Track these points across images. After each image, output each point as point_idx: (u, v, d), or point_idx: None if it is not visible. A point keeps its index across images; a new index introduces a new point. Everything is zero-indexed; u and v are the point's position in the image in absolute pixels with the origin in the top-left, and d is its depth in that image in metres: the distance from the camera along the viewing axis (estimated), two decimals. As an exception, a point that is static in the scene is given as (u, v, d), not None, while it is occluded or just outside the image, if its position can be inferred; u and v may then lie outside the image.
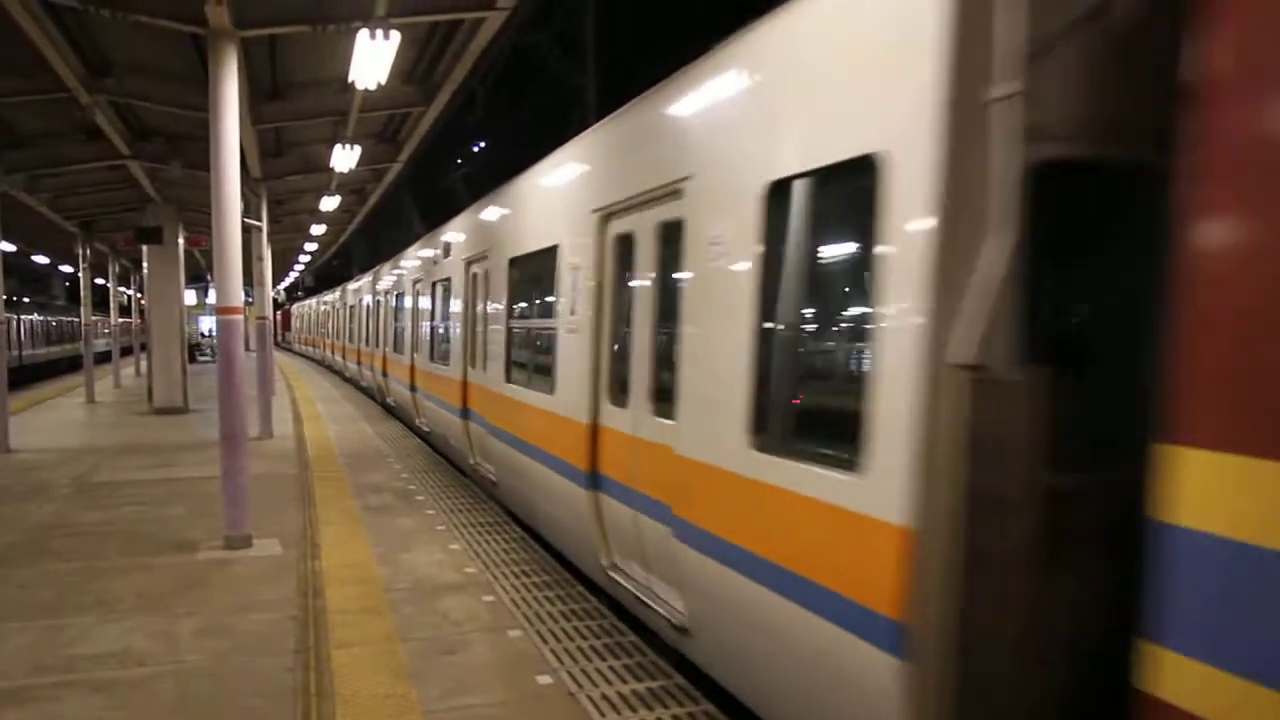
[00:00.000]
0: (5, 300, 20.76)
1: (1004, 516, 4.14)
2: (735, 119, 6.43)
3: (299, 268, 66.48)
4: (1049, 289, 4.57)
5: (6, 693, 7.26)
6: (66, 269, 51.98)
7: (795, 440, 5.61)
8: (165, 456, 18.58)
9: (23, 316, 53.72)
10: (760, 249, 6.01)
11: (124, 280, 48.47)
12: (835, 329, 5.70)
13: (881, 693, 4.62)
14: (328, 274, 78.48)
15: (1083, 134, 4.33)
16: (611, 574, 8.70)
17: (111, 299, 41.55)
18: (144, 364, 34.30)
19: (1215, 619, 3.17)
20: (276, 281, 65.01)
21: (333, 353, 43.81)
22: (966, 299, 4.36)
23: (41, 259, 46.96)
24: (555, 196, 10.84)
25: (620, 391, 8.60)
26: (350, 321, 36.56)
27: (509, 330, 12.89)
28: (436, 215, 38.28)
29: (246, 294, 17.85)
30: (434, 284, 19.11)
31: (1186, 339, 3.26)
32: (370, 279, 31.54)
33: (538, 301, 11.69)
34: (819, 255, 5.72)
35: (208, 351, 57.35)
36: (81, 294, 34.91)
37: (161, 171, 22.37)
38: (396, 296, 24.54)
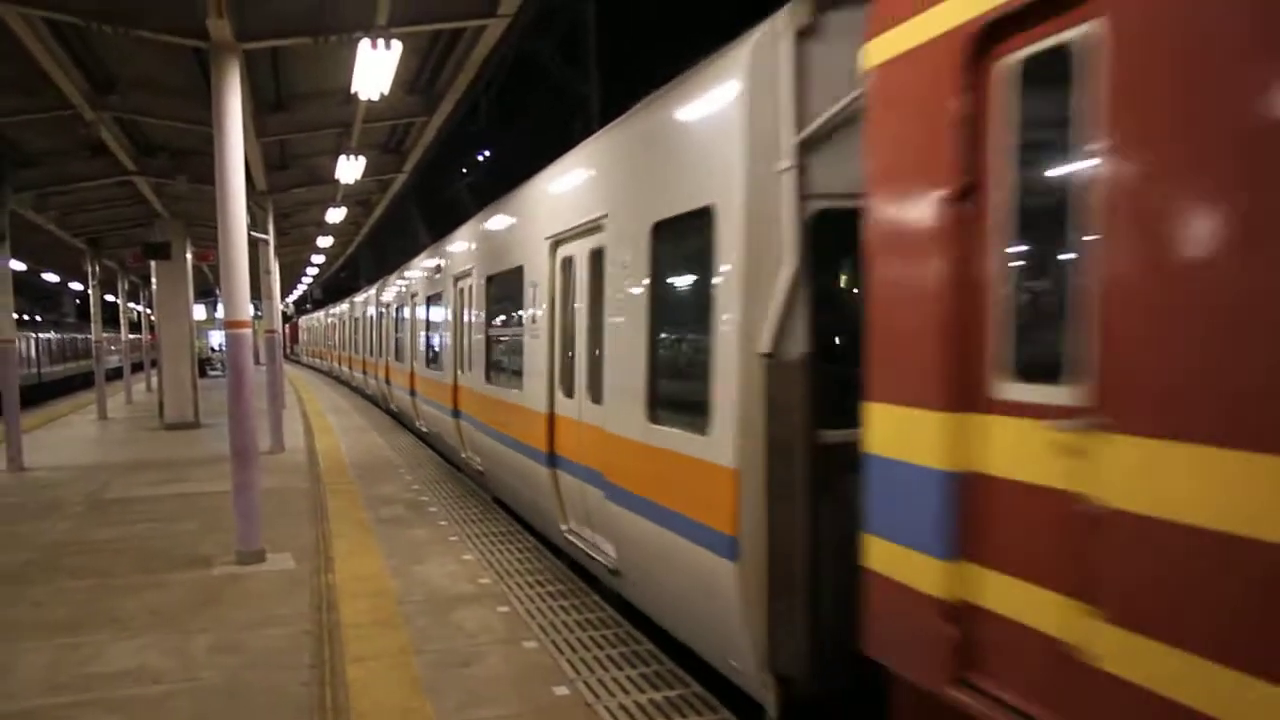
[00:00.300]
0: (20, 319, 20.81)
1: (791, 459, 6.19)
2: (634, 174, 8.55)
3: (307, 280, 66.50)
4: (820, 299, 6.32)
5: (24, 713, 7.20)
6: (76, 286, 51.96)
7: (672, 414, 7.58)
8: (177, 472, 18.55)
9: (40, 335, 53.81)
10: (649, 272, 8.00)
11: (133, 296, 48.45)
12: (693, 332, 7.33)
13: (727, 588, 6.51)
14: (336, 286, 78.56)
15: (842, 194, 6.13)
16: (568, 536, 10.36)
17: (121, 315, 41.40)
18: (155, 379, 34.25)
19: (883, 509, 5.14)
20: (285, 294, 65.02)
21: (339, 363, 46.03)
22: (766, 307, 6.31)
23: (51, 276, 46.96)
24: (520, 224, 12.79)
25: (569, 385, 10.44)
26: (355, 333, 38.31)
27: (487, 338, 14.67)
28: (442, 225, 38.37)
29: (255, 307, 17.83)
30: (428, 298, 20.71)
31: (868, 333, 5.27)
32: (373, 293, 33.08)
33: (509, 313, 13.42)
34: (684, 277, 7.90)
35: (218, 366, 57.40)
36: (91, 311, 34.93)
37: (167, 186, 22.37)
38: (396, 309, 26.24)
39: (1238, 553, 3.22)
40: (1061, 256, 4.30)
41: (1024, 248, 4.49)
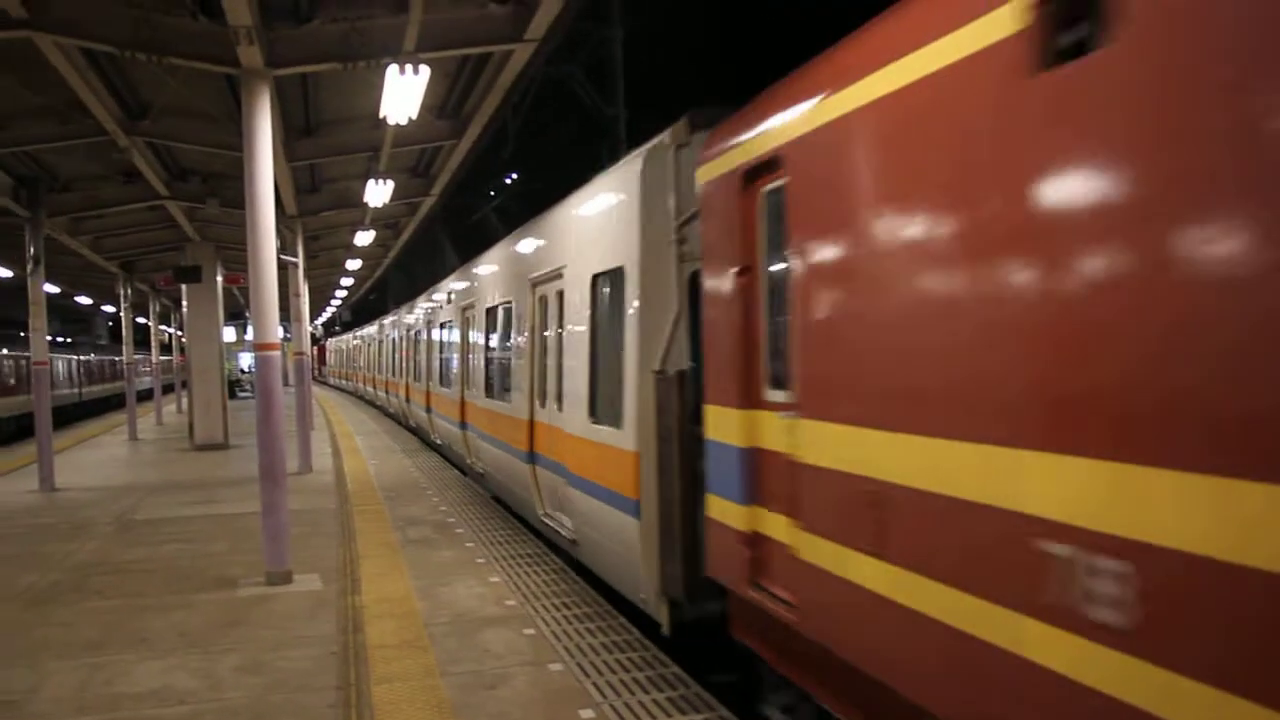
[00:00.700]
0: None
1: (670, 444, 8.37)
2: (580, 236, 11.26)
3: (335, 302, 66.73)
4: (692, 331, 8.42)
5: (49, 734, 7.20)
6: (109, 309, 52.29)
7: (602, 415, 10.11)
8: (206, 493, 18.61)
9: (83, 357, 54.81)
10: (590, 309, 10.62)
11: (164, 319, 48.75)
12: (614, 354, 9.65)
13: (633, 538, 8.87)
14: (365, 308, 78.84)
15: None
16: (544, 519, 12.72)
17: (152, 337, 41.68)
18: (185, 401, 34.44)
19: (713, 475, 7.45)
20: (313, 317, 65.25)
21: (363, 384, 50.25)
22: (658, 337, 8.64)
23: (84, 299, 47.26)
24: (511, 266, 15.46)
25: (543, 397, 12.95)
26: (378, 356, 41.78)
27: (486, 360, 17.42)
28: (469, 248, 38.49)
29: (284, 330, 17.92)
30: (440, 324, 23.80)
31: (703, 357, 7.70)
32: (392, 320, 37.11)
33: (502, 339, 16.17)
34: (609, 315, 10.09)
35: (247, 387, 57.63)
36: (123, 333, 35.16)
37: (199, 211, 22.53)
38: (412, 334, 29.53)
39: (854, 485, 5.44)
40: (781, 314, 6.57)
41: (773, 307, 6.80)
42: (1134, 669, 3.55)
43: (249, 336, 54.14)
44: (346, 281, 48.37)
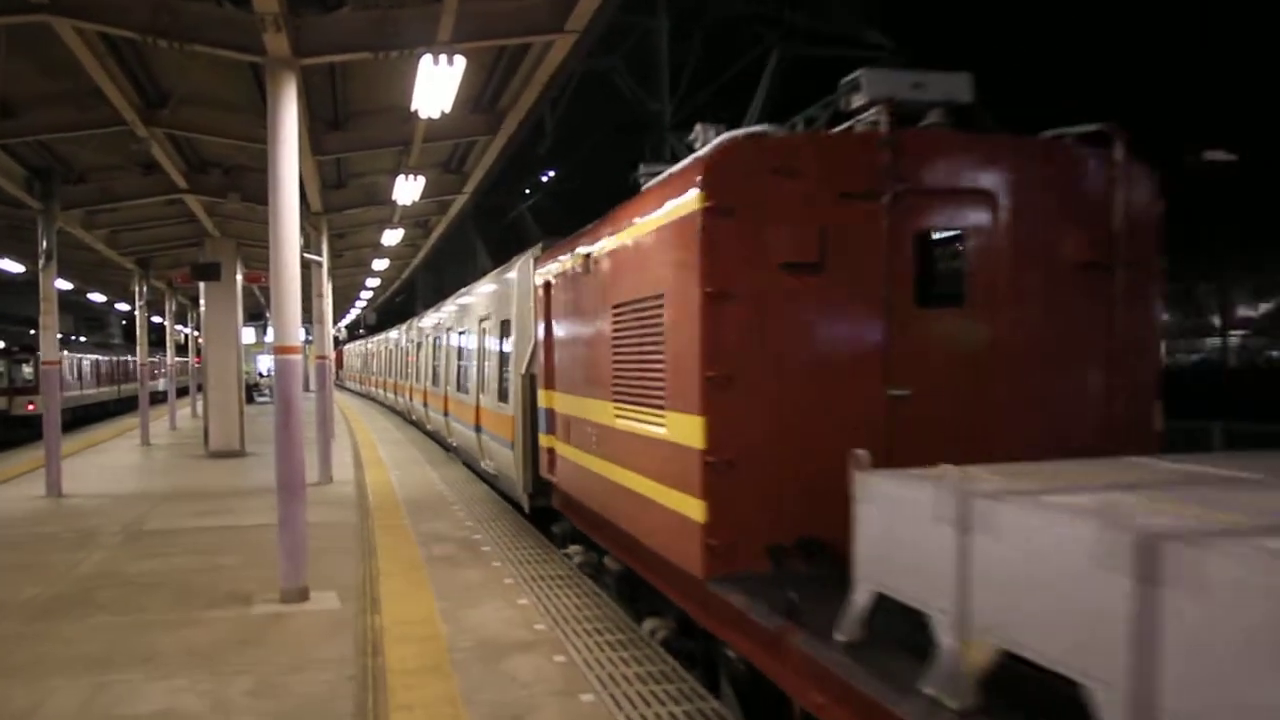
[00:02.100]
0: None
1: (526, 411, 15.62)
2: (494, 296, 19.82)
3: (360, 304, 66.98)
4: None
5: (50, 757, 7.20)
6: (123, 307, 52.66)
7: (501, 398, 17.76)
8: (220, 503, 18.69)
9: (111, 356, 55.80)
10: (499, 340, 18.64)
11: (181, 318, 49.08)
12: (507, 364, 17.24)
13: (512, 464, 16.68)
14: (392, 311, 79.09)
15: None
16: (485, 467, 20.29)
17: (168, 337, 42.02)
18: (200, 405, 34.62)
19: (543, 423, 14.45)
20: (337, 319, 65.58)
21: (377, 387, 56.40)
22: (525, 356, 15.55)
23: (97, 296, 47.59)
24: (468, 309, 23.42)
25: (481, 389, 20.56)
26: (390, 361, 47.30)
27: (458, 367, 24.83)
28: (503, 248, 38.56)
29: (305, 332, 17.97)
30: (432, 343, 30.56)
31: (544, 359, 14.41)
32: (404, 329, 42.41)
33: (466, 351, 23.55)
34: (506, 343, 17.99)
35: (266, 392, 57.92)
36: (137, 333, 35.37)
37: (219, 205, 22.64)
38: (415, 346, 36.12)
39: (570, 419, 12.51)
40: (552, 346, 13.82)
41: (562, 346, 13.05)
42: (651, 483, 9.12)
43: (269, 338, 54.54)
44: (372, 282, 48.52)
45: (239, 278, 27.71)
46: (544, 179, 50.99)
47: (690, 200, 8.18)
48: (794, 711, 6.72)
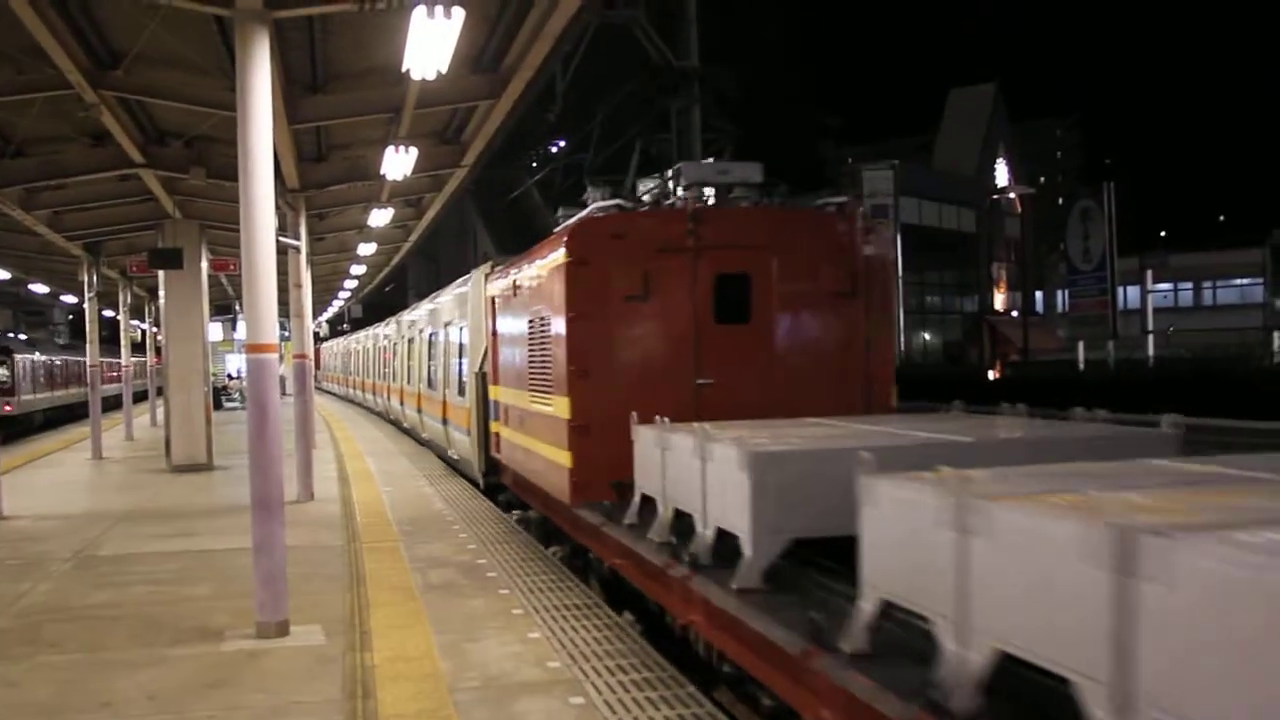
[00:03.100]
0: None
1: (479, 403, 21.88)
2: (453, 306, 26.99)
3: (344, 295, 67.03)
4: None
5: (-6, 816, 7.23)
6: (70, 299, 52.81)
7: (460, 393, 24.69)
8: (185, 524, 18.78)
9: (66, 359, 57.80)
10: (459, 344, 25.83)
11: (137, 312, 49.16)
12: (465, 363, 24.22)
13: (470, 447, 23.25)
14: (379, 304, 79.24)
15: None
16: (450, 454, 26.93)
17: (122, 334, 42.06)
18: (160, 412, 34.74)
19: (494, 412, 20.39)
20: (318, 312, 65.70)
21: (357, 389, 61.90)
22: (479, 356, 22.04)
23: (40, 287, 47.67)
24: (434, 314, 30.44)
25: (446, 384, 27.11)
26: (369, 361, 53.72)
27: (428, 367, 31.13)
28: (508, 230, 38.67)
29: (282, 327, 17.99)
30: (407, 342, 37.16)
31: (493, 365, 20.27)
32: (382, 329, 48.51)
33: (436, 352, 29.74)
34: (464, 345, 25.21)
35: (236, 396, 58.09)
36: (87, 329, 35.43)
37: (180, 182, 22.68)
38: (382, 348, 44.89)
39: (508, 407, 18.57)
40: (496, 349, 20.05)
41: (502, 349, 19.10)
42: (547, 446, 15.07)
43: (239, 335, 54.62)
44: (358, 270, 48.53)
45: (204, 265, 27.74)
46: (554, 149, 51.04)
47: (561, 255, 14.00)
48: (664, 617, 11.26)
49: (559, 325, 14.15)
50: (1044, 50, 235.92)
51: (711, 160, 15.16)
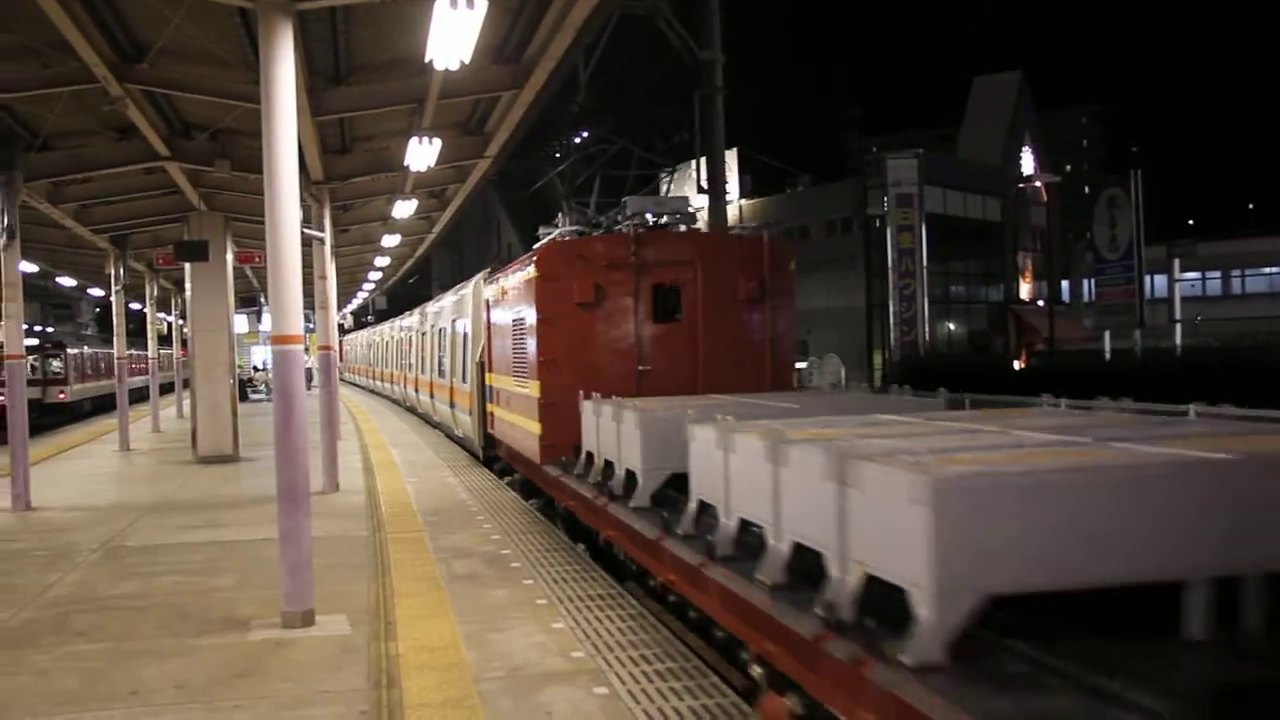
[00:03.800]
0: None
1: (478, 387, 25.68)
2: (458, 306, 30.76)
3: (369, 286, 67.08)
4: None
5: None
6: (96, 292, 53.00)
7: (464, 380, 28.20)
8: (212, 515, 18.90)
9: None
10: (464, 338, 28.81)
11: (163, 305, 49.32)
12: (467, 354, 27.51)
13: (472, 425, 27.00)
14: (402, 295, 79.30)
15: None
16: (456, 434, 31.36)
17: (149, 326, 42.26)
18: (187, 404, 34.81)
19: (490, 396, 24.00)
20: (342, 304, 65.78)
21: (380, 380, 65.16)
22: (479, 348, 25.34)
23: (67, 280, 47.84)
24: (444, 312, 34.15)
25: (455, 373, 30.40)
26: (384, 353, 60.01)
27: (437, 358, 34.70)
28: (531, 221, 39.04)
29: (307, 319, 18.05)
30: (421, 335, 40.66)
31: (490, 356, 23.86)
32: (399, 323, 52.44)
33: (442, 348, 33.61)
34: (466, 341, 28.33)
35: (261, 388, 58.20)
36: (115, 322, 35.52)
37: (206, 175, 22.70)
38: (410, 340, 45.54)
39: (501, 390, 22.41)
40: (490, 342, 23.95)
41: (494, 343, 22.89)
42: (524, 419, 19.14)
43: (264, 327, 54.67)
44: (381, 262, 48.58)
45: (229, 257, 27.79)
46: (577, 140, 50.90)
47: (532, 270, 17.97)
48: (598, 539, 14.85)
49: (532, 324, 18.05)
50: (1063, 40, 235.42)
51: (665, 189, 25.54)
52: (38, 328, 59.76)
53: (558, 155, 50.23)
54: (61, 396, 54.44)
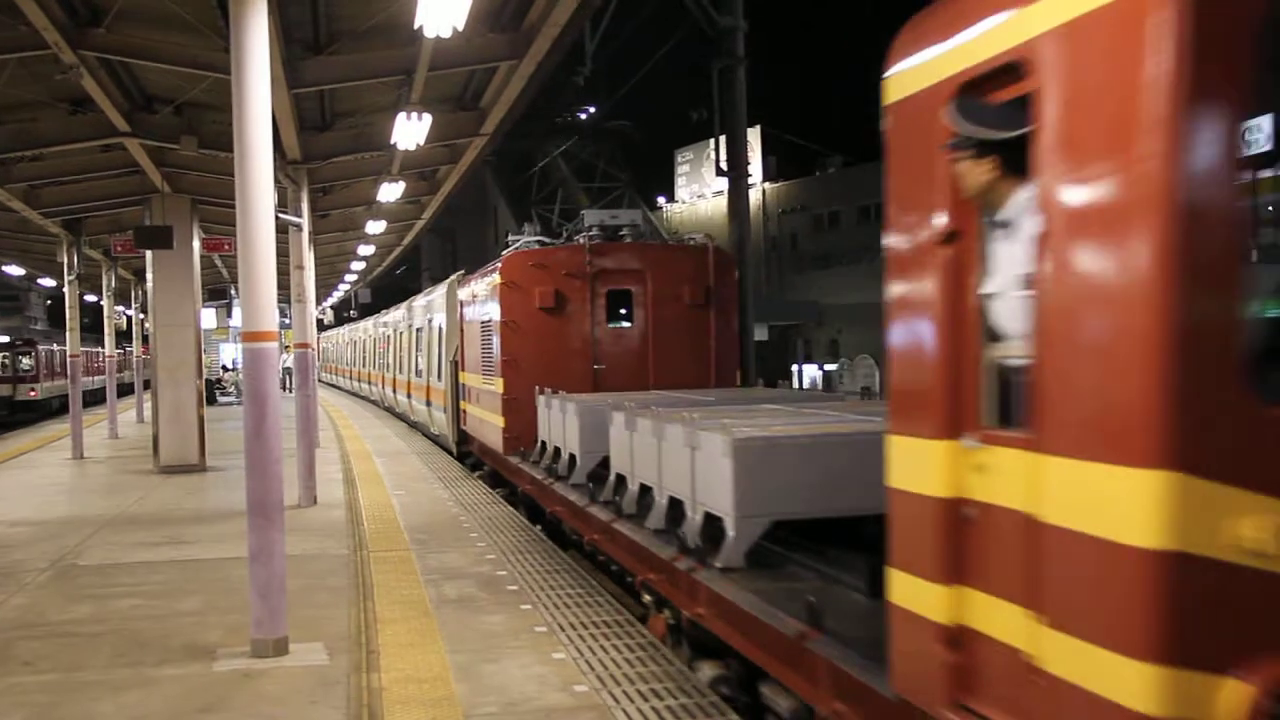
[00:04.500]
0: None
1: (451, 386, 30.24)
2: (431, 307, 35.64)
3: (351, 278, 67.09)
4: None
5: None
6: (47, 283, 52.99)
7: (438, 378, 32.70)
8: (175, 531, 18.89)
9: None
10: (438, 337, 33.04)
11: (122, 297, 49.33)
12: (443, 353, 31.67)
13: (444, 421, 32.07)
14: (387, 290, 79.35)
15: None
16: (432, 431, 35.61)
17: (106, 321, 42.25)
18: (148, 407, 34.85)
19: (463, 393, 28.39)
20: (321, 298, 65.87)
21: (351, 379, 72.75)
22: (453, 348, 29.88)
23: (14, 269, 47.74)
24: (418, 312, 39.23)
25: (429, 372, 35.24)
26: (361, 353, 64.66)
27: (413, 357, 39.78)
28: (530, 204, 39.11)
29: (282, 314, 18.04)
30: (396, 335, 45.45)
31: (471, 358, 27.27)
32: (374, 322, 58.06)
33: (421, 345, 38.01)
34: (440, 340, 32.64)
35: (231, 390, 58.33)
36: (67, 316, 35.49)
37: (170, 153, 22.74)
38: (386, 338, 50.49)
39: (471, 389, 27.00)
40: (462, 343, 29.20)
41: (466, 343, 27.73)
42: (490, 414, 23.76)
43: (234, 322, 54.79)
44: (365, 250, 48.54)
45: (196, 245, 27.81)
46: (582, 116, 51.02)
47: (496, 278, 21.66)
48: (547, 516, 18.67)
49: (497, 326, 21.98)
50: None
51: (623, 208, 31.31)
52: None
53: (560, 133, 50.34)
54: (32, 394, 62.73)
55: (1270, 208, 5.94)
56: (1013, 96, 6.09)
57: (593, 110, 50.21)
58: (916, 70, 6.90)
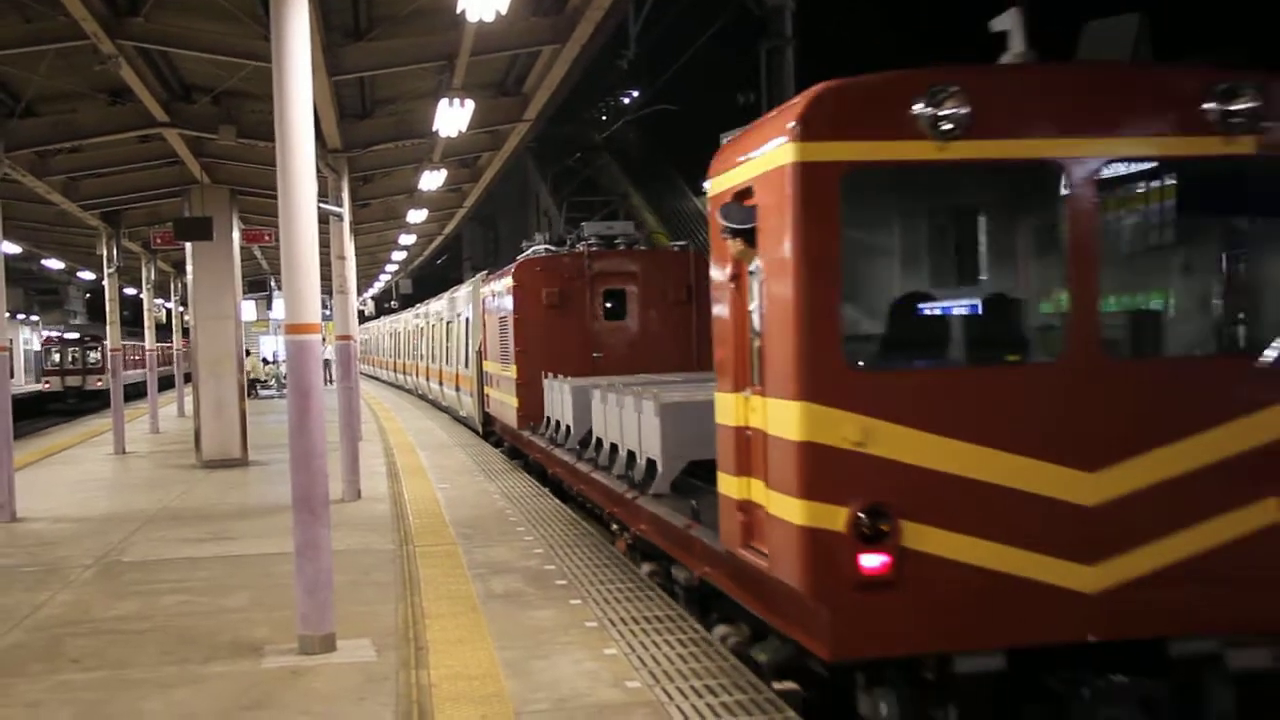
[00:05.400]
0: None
1: (478, 373, 34.96)
2: (459, 303, 41.53)
3: (392, 268, 66.99)
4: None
5: None
6: (87, 276, 53.19)
7: (466, 366, 38.20)
8: (219, 526, 18.99)
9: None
10: (467, 328, 38.30)
11: (162, 290, 49.48)
12: (469, 343, 36.90)
13: (472, 405, 37.19)
14: (428, 279, 79.39)
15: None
16: (460, 414, 42.21)
17: (146, 314, 42.41)
18: (189, 401, 34.97)
19: (485, 379, 33.88)
20: (363, 288, 65.91)
21: (391, 370, 75.98)
22: (480, 339, 34.50)
23: (54, 263, 47.89)
24: (448, 306, 44.77)
25: (461, 361, 39.80)
26: (400, 344, 68.62)
27: (445, 348, 44.98)
28: (576, 196, 39.27)
29: (323, 305, 18.03)
30: (431, 327, 50.08)
31: (488, 345, 33.44)
32: (412, 314, 62.43)
33: (452, 337, 43.04)
34: (468, 332, 37.80)
35: (272, 383, 58.45)
36: (107, 309, 35.59)
37: (209, 143, 22.72)
38: (421, 330, 55.35)
39: (492, 376, 32.05)
40: (484, 336, 34.17)
41: (485, 334, 33.21)
42: (507, 396, 28.84)
43: (275, 315, 54.97)
44: (406, 239, 48.47)
45: (236, 236, 27.91)
46: (625, 100, 50.91)
47: (509, 281, 26.93)
48: (548, 477, 24.10)
49: (512, 322, 26.57)
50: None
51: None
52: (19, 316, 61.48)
53: (604, 118, 50.31)
54: (99, 384, 70.63)
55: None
56: (749, 205, 10.28)
57: (636, 94, 50.04)
58: (716, 182, 11.52)
